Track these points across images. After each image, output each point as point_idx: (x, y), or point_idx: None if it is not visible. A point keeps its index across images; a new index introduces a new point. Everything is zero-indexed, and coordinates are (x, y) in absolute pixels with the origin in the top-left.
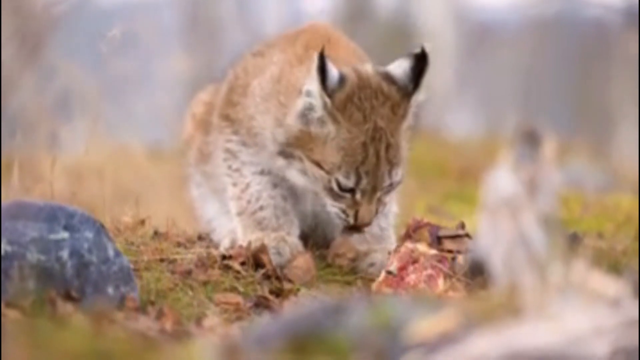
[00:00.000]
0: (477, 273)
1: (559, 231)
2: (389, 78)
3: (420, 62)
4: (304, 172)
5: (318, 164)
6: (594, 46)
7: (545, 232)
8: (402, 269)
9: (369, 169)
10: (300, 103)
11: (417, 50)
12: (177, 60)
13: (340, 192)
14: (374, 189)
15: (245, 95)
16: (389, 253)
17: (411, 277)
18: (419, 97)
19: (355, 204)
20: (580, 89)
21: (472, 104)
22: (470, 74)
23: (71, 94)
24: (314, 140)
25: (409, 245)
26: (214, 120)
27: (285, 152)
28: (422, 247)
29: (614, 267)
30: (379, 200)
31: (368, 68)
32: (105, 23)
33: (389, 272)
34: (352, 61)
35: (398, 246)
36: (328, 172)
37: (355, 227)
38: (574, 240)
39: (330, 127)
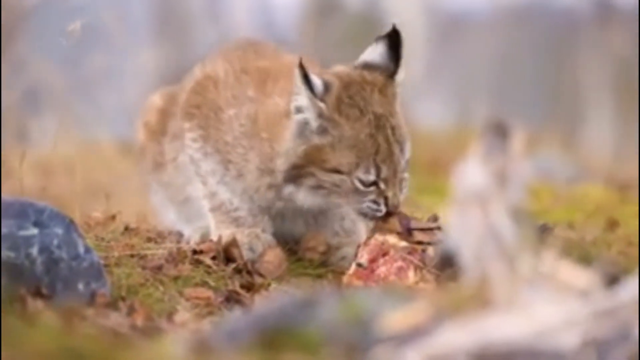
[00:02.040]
0: (447, 265)
1: (528, 223)
2: (367, 66)
3: (395, 40)
4: (319, 187)
5: (335, 170)
6: (565, 36)
7: (514, 223)
8: (373, 261)
9: (384, 156)
10: (292, 124)
11: (389, 30)
12: (147, 54)
13: (364, 189)
14: (395, 172)
15: (218, 119)
16: (359, 246)
17: (381, 270)
18: (400, 75)
19: (381, 194)
20: (551, 79)
21: (442, 95)
22: (441, 64)
23: (40, 89)
24: (323, 150)
25: (378, 237)
26: (173, 124)
27: (293, 176)
28: (392, 239)
29: (584, 258)
30: (401, 180)
31: (343, 68)
32: (75, 17)
33: (359, 265)
34: None
35: (368, 238)
36: (348, 174)
37: (388, 213)
38: (544, 231)
39: (333, 132)
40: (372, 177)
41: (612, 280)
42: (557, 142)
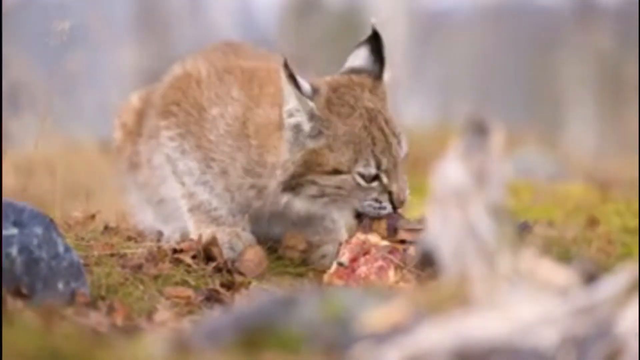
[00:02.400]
0: (428, 264)
1: (508, 221)
2: (354, 71)
3: (376, 42)
4: (320, 195)
5: (336, 171)
6: (545, 34)
7: (494, 222)
8: (353, 260)
9: (382, 147)
10: (286, 133)
11: (369, 34)
12: (128, 53)
13: (367, 185)
14: (395, 165)
15: (201, 117)
16: (340, 244)
17: (362, 269)
18: (387, 75)
19: (384, 189)
20: (532, 77)
21: (424, 94)
22: (422, 63)
23: (21, 88)
24: (319, 153)
25: (360, 236)
26: (150, 122)
27: (292, 185)
28: (373, 238)
29: (564, 255)
30: (403, 178)
31: (330, 77)
32: (56, 16)
33: (340, 264)
34: None
35: (350, 237)
36: (348, 172)
37: (394, 210)
38: (524, 229)
39: (327, 132)
40: (373, 170)
41: (591, 278)
42: (538, 140)
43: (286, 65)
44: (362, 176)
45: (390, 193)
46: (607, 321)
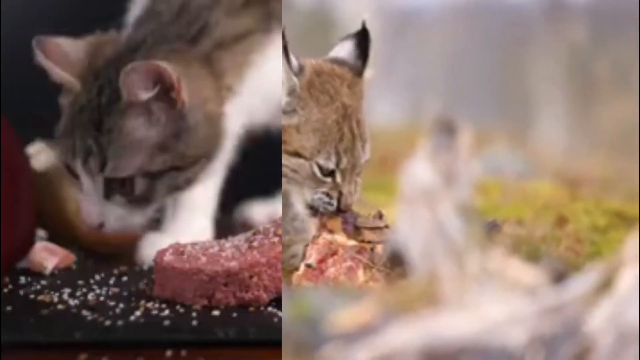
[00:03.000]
0: (397, 264)
1: (476, 220)
2: (337, 61)
3: (363, 38)
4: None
5: (297, 154)
6: (515, 32)
7: (462, 221)
8: (321, 261)
9: (347, 146)
10: None
11: (358, 29)
12: None
13: (322, 178)
14: (353, 167)
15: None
16: (307, 245)
17: (331, 271)
18: (368, 74)
19: (336, 187)
20: (504, 75)
21: (393, 92)
22: (392, 61)
23: None
24: (287, 131)
25: (326, 236)
26: None
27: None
28: (340, 238)
29: (533, 254)
30: (356, 182)
31: (314, 59)
32: None
33: (308, 265)
34: None
35: (315, 237)
36: (308, 158)
37: (339, 210)
38: (492, 228)
39: (300, 112)
40: (331, 165)
41: (560, 277)
42: (508, 138)
43: (283, 36)
44: (320, 168)
45: (340, 193)
46: (576, 320)
